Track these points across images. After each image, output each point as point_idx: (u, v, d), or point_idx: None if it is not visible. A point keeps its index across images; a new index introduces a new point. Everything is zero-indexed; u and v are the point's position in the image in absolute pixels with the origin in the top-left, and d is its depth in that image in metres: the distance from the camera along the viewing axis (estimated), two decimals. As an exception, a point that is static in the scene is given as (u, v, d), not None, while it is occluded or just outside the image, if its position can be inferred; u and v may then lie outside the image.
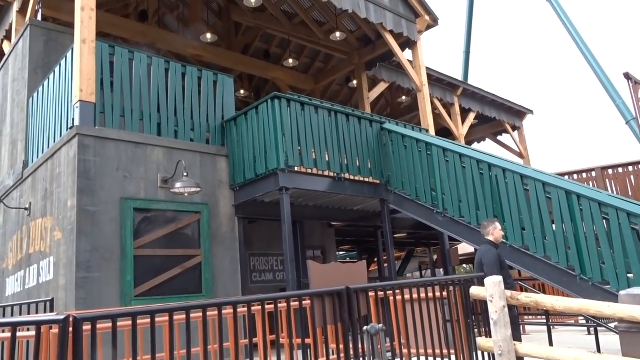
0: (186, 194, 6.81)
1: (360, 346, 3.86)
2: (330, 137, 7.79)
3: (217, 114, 8.03)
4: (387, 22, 10.09)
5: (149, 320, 2.82)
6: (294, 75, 13.79)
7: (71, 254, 6.11)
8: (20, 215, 8.04)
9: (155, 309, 2.91)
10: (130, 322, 2.75)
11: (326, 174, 7.65)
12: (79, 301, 5.88)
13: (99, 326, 2.58)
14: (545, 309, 5.41)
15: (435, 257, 16.88)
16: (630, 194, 13.19)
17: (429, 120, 10.48)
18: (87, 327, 2.52)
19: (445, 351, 4.58)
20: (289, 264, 6.78)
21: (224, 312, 3.24)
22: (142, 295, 6.41)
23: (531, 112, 16.97)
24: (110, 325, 2.67)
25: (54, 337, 3.50)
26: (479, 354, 4.81)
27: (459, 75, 25.16)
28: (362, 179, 8.14)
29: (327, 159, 7.67)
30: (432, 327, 4.53)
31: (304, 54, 13.86)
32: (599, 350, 6.50)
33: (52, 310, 5.89)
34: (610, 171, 13.85)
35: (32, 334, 2.91)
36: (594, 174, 13.95)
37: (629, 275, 5.46)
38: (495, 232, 6.06)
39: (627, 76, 10.11)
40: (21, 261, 7.78)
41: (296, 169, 7.24)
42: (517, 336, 5.04)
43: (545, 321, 7.84)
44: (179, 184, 6.62)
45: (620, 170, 13.74)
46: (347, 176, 7.91)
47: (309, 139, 7.50)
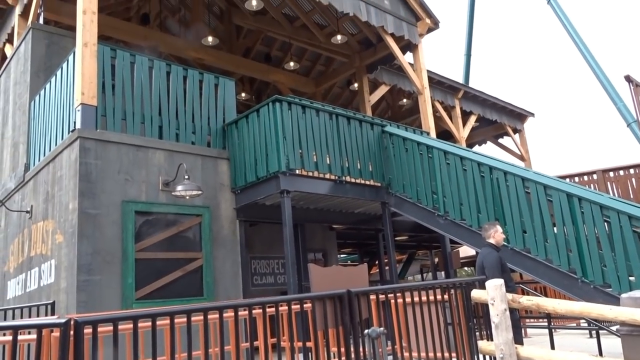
0: (187, 197, 6.82)
1: (361, 349, 3.86)
2: (331, 140, 7.80)
3: (218, 117, 8.04)
4: (388, 25, 10.11)
5: (150, 323, 2.83)
6: (295, 78, 13.80)
7: (72, 257, 6.11)
8: (21, 218, 8.05)
9: (156, 312, 2.92)
10: (131, 326, 2.75)
11: (327, 176, 7.66)
12: (80, 304, 5.87)
13: (100, 329, 2.59)
14: (546, 312, 5.41)
15: (436, 259, 16.86)
16: (631, 197, 13.18)
17: (430, 123, 10.49)
18: (88, 331, 2.52)
19: (446, 354, 4.57)
20: (290, 267, 6.78)
21: (225, 315, 3.24)
22: (144, 298, 6.41)
23: (532, 114, 16.96)
24: (111, 328, 2.67)
25: (55, 340, 3.50)
26: (481, 357, 4.80)
27: (460, 77, 25.19)
28: (363, 182, 8.14)
29: (328, 162, 7.67)
30: (434, 331, 4.52)
31: (305, 56, 13.88)
32: (600, 353, 6.49)
33: (53, 313, 5.90)
34: (611, 174, 13.85)
35: (33, 337, 2.91)
36: (595, 177, 13.95)
37: (631, 278, 5.44)
38: (496, 234, 6.07)
39: (628, 79, 10.13)
40: (22, 264, 7.78)
41: (297, 171, 7.25)
42: (518, 339, 5.04)
43: (546, 324, 7.83)
44: (180, 187, 6.63)
45: (621, 172, 13.73)
46: (348, 179, 7.91)
47: (310, 142, 7.50)
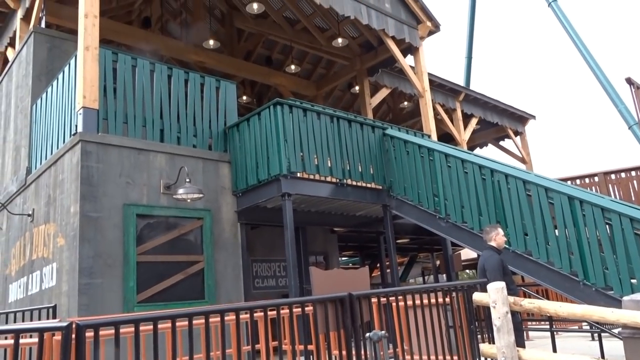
0: (188, 200, 6.83)
1: (362, 353, 3.85)
2: (332, 143, 7.80)
3: (219, 120, 8.05)
4: (388, 28, 10.13)
5: (151, 326, 2.83)
6: (296, 81, 13.82)
7: (74, 260, 6.12)
8: (23, 221, 8.06)
9: (157, 316, 2.92)
10: (133, 329, 2.75)
11: (328, 179, 7.65)
12: (82, 307, 5.88)
13: (101, 333, 2.59)
14: (548, 315, 5.40)
15: (437, 262, 16.83)
16: (633, 199, 13.16)
17: (431, 125, 10.50)
18: (89, 334, 2.52)
19: (448, 357, 4.57)
20: (292, 270, 6.77)
21: (226, 318, 3.24)
22: (145, 301, 6.41)
23: (533, 117, 16.96)
24: (112, 332, 2.67)
25: (56, 343, 3.49)
26: (482, 360, 4.80)
27: (460, 80, 25.22)
28: (364, 185, 8.14)
29: (329, 165, 7.68)
30: (435, 334, 4.52)
31: (306, 60, 13.90)
32: (602, 356, 6.47)
33: (54, 316, 5.89)
34: (612, 176, 13.84)
35: (35, 340, 2.91)
36: (596, 179, 13.93)
37: (633, 280, 5.43)
38: (497, 237, 6.07)
39: (629, 81, 10.13)
40: (24, 267, 7.79)
41: (298, 174, 7.25)
42: (520, 342, 5.03)
43: (548, 327, 7.80)
44: (181, 190, 6.64)
45: (622, 175, 13.72)
46: (349, 182, 7.90)
47: (311, 145, 7.51)
